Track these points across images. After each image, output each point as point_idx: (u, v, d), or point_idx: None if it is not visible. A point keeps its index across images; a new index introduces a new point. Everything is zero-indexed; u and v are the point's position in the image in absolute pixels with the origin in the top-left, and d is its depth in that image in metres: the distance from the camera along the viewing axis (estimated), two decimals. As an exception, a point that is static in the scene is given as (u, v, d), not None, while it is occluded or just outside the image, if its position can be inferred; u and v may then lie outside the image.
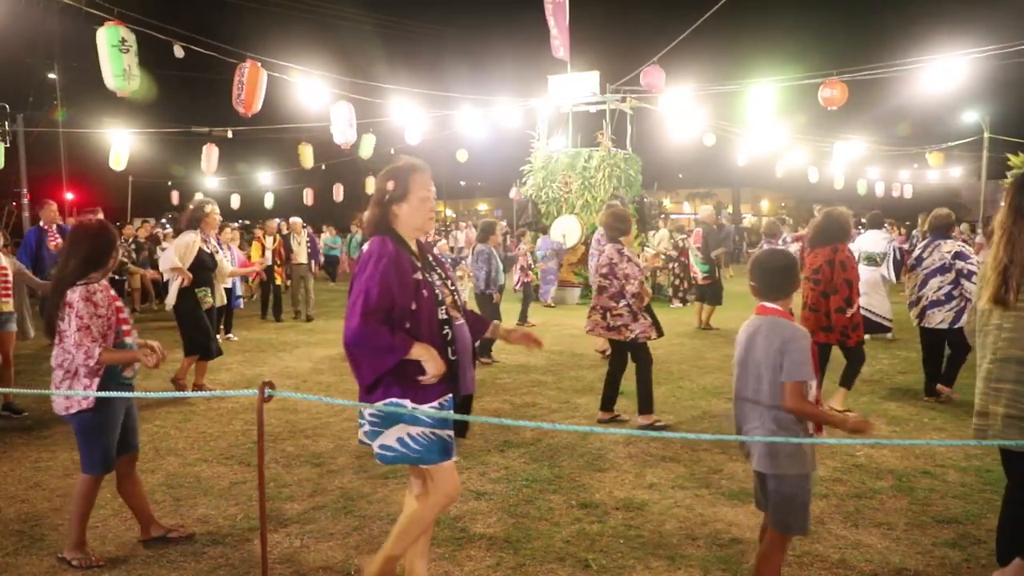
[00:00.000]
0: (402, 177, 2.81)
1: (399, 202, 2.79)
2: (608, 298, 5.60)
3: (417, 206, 2.80)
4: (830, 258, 5.50)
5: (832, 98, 12.05)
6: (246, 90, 9.73)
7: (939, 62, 11.67)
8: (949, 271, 6.11)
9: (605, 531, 3.77)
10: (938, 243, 6.26)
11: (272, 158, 28.88)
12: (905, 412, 5.97)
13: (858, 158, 24.18)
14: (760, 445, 2.75)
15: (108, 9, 8.24)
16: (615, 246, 5.70)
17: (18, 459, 5.01)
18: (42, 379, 7.77)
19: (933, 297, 6.17)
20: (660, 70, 13.42)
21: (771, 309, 2.87)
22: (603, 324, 5.63)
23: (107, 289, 3.46)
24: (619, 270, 5.55)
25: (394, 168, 2.86)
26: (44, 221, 9.00)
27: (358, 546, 3.62)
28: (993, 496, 4.17)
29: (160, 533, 3.68)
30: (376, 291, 2.62)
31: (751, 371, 2.82)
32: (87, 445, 3.44)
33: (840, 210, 5.77)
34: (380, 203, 2.82)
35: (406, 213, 2.79)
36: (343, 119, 12.40)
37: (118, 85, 8.18)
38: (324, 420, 5.87)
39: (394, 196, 2.79)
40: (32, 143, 23.36)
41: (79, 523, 3.47)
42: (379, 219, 2.82)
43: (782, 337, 2.74)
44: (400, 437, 2.72)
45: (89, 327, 3.28)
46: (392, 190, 2.79)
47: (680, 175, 49.64)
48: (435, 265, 2.90)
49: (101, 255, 3.45)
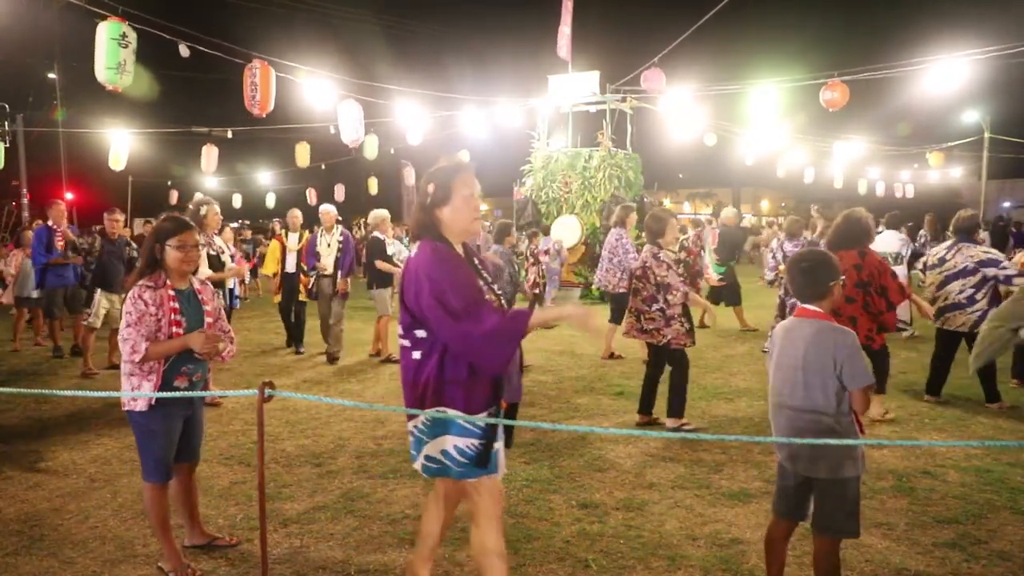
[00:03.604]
0: (443, 179, 2.68)
1: (441, 206, 2.66)
2: (641, 301, 5.51)
3: (460, 208, 2.67)
4: (857, 262, 5.34)
5: (834, 100, 12.03)
6: (260, 91, 9.62)
7: (940, 62, 11.66)
8: (973, 274, 6.03)
9: (605, 531, 3.77)
10: (962, 246, 6.18)
11: (273, 158, 28.91)
12: (905, 412, 5.96)
13: (858, 158, 24.18)
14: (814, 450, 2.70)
15: (111, 7, 8.22)
16: (652, 249, 5.55)
17: (18, 459, 5.01)
18: (41, 379, 7.78)
19: (954, 300, 6.10)
20: (660, 72, 13.41)
21: (812, 312, 2.80)
22: (637, 327, 5.55)
23: (165, 288, 3.29)
24: (655, 276, 5.42)
25: (435, 170, 2.74)
26: (52, 220, 8.94)
27: (358, 546, 3.62)
28: (993, 496, 4.17)
29: (204, 541, 3.61)
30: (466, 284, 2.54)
31: (790, 374, 2.77)
32: (140, 449, 3.36)
33: (860, 211, 5.61)
34: (423, 207, 2.70)
35: (449, 216, 2.67)
36: (352, 118, 12.03)
37: (109, 78, 8.05)
38: (324, 420, 5.86)
39: (436, 200, 2.67)
40: (32, 143, 23.38)
41: (160, 535, 3.37)
42: (425, 224, 2.70)
43: (835, 342, 2.68)
44: (445, 449, 2.60)
45: (137, 324, 3.18)
46: (433, 193, 2.67)
47: (680, 175, 49.63)
48: (480, 269, 2.82)
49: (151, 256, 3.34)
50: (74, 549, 3.62)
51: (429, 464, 2.66)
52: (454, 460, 2.61)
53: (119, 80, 8.16)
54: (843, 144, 22.17)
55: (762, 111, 13.13)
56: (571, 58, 15.36)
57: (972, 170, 33.43)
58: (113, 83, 8.15)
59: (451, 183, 2.67)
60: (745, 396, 6.64)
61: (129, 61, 8.19)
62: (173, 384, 3.30)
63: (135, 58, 8.27)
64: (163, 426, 3.31)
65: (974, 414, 5.93)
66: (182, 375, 3.33)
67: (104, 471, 4.77)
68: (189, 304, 3.37)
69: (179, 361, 3.30)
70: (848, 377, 2.66)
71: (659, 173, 39.88)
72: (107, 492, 4.39)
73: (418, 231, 2.73)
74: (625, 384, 7.07)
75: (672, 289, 5.38)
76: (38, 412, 6.14)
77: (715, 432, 5.52)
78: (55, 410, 6.20)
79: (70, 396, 6.37)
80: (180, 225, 3.37)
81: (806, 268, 2.84)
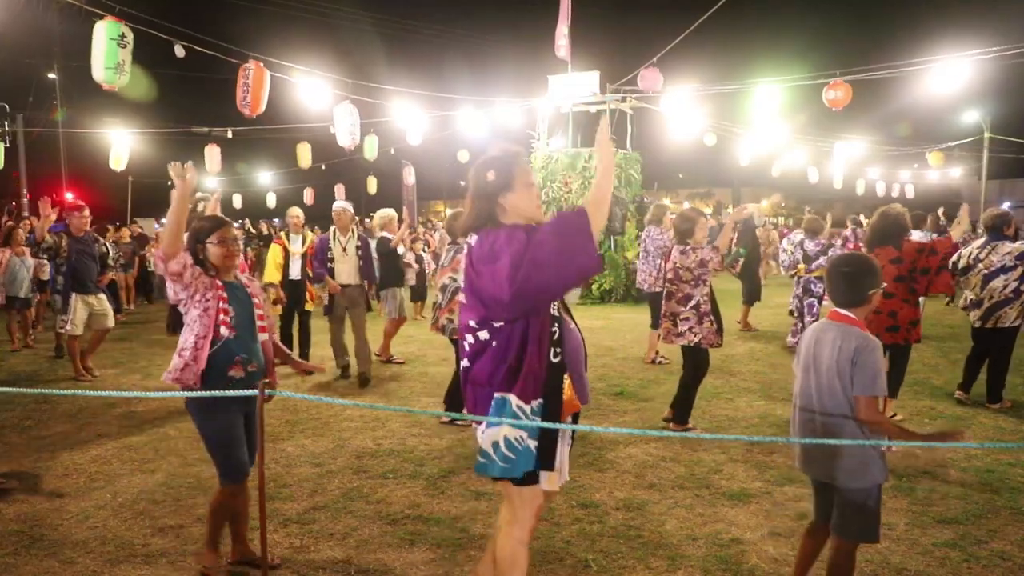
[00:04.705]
0: (504, 165, 2.60)
1: (504, 192, 2.57)
2: (676, 303, 5.49)
3: (524, 193, 2.59)
4: (895, 256, 5.26)
5: (837, 99, 12.04)
6: (252, 92, 9.61)
7: (940, 62, 11.66)
8: (1014, 270, 6.02)
9: (605, 531, 3.77)
10: (995, 244, 6.15)
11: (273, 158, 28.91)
12: (905, 412, 5.96)
13: (858, 158, 24.18)
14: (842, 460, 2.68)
15: (109, 7, 8.22)
16: (680, 248, 5.55)
17: (18, 459, 5.01)
18: (41, 379, 7.77)
19: (1000, 297, 6.05)
20: (657, 72, 13.41)
21: (844, 316, 2.76)
22: (675, 331, 5.51)
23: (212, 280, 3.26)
24: (687, 272, 5.42)
25: (492, 157, 2.65)
26: (73, 229, 7.71)
27: (358, 546, 3.62)
28: (993, 496, 4.17)
29: (248, 557, 3.46)
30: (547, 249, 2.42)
31: (816, 379, 2.75)
32: (208, 449, 3.31)
33: (896, 207, 5.56)
34: (484, 196, 2.59)
35: (513, 203, 2.57)
36: (347, 122, 12.03)
37: (107, 78, 8.05)
38: (324, 420, 5.86)
39: (498, 187, 2.57)
40: (32, 143, 23.38)
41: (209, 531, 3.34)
42: (485, 213, 2.60)
43: (854, 346, 2.65)
44: (496, 441, 2.47)
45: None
46: (494, 180, 2.58)
47: (680, 175, 49.63)
48: None
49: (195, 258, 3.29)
50: (74, 549, 3.62)
51: (480, 459, 2.53)
52: (501, 454, 2.47)
53: (117, 80, 8.15)
54: (843, 144, 22.16)
55: (762, 111, 13.13)
56: (571, 58, 15.37)
57: (972, 170, 33.41)
58: (111, 83, 8.14)
59: (513, 169, 2.59)
60: (745, 396, 6.64)
61: (127, 61, 8.18)
62: (228, 375, 3.20)
63: (132, 58, 8.27)
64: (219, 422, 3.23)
65: (975, 414, 5.93)
66: (236, 364, 3.22)
67: (104, 471, 4.77)
68: (237, 296, 3.32)
69: (231, 349, 3.21)
70: (856, 383, 2.63)
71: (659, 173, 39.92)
72: (107, 492, 4.40)
73: (475, 221, 2.62)
74: (625, 384, 7.07)
75: (705, 261, 5.38)
76: (38, 412, 6.15)
77: (715, 432, 5.52)
78: (55, 410, 6.21)
79: (70, 396, 6.37)
80: (216, 222, 3.36)
81: (848, 274, 2.79)
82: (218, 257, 3.30)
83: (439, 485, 4.43)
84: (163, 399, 6.37)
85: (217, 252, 3.29)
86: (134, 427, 5.77)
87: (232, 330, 3.22)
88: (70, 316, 7.45)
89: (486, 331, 2.53)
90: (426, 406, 6.41)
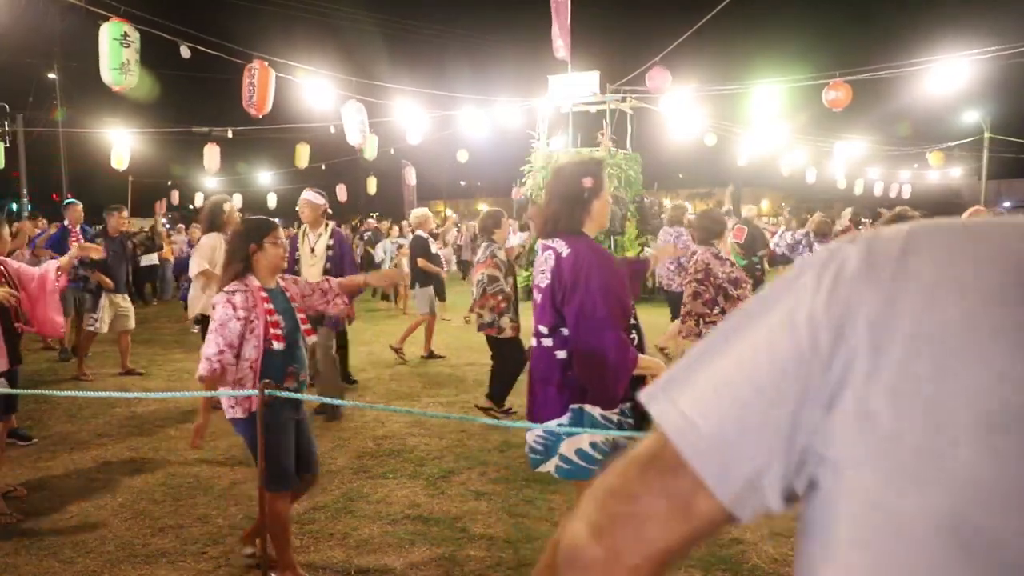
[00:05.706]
0: (598, 173, 2.68)
1: (595, 199, 2.65)
2: (702, 304, 5.47)
3: (606, 203, 2.70)
4: None
5: (837, 100, 12.02)
6: (258, 91, 9.56)
7: (940, 62, 11.66)
8: None
9: (605, 531, 3.76)
10: None
11: (273, 158, 28.90)
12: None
13: (858, 158, 24.17)
14: None
15: (113, 7, 8.21)
16: (710, 250, 5.52)
17: (18, 459, 5.01)
18: (41, 379, 7.77)
19: None
20: (666, 72, 13.39)
21: None
22: (696, 331, 5.51)
23: (255, 291, 3.13)
24: (717, 277, 5.40)
25: (586, 165, 2.72)
26: (69, 221, 8.49)
27: (358, 546, 3.62)
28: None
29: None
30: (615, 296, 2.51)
31: None
32: (256, 458, 3.17)
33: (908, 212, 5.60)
34: (576, 200, 2.65)
35: (598, 211, 2.68)
36: (356, 120, 11.98)
37: (115, 79, 8.04)
38: (324, 420, 5.85)
39: (593, 192, 2.64)
40: (32, 143, 23.37)
41: (275, 544, 3.21)
42: (573, 217, 2.65)
43: None
44: (580, 448, 2.52)
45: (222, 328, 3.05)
46: (592, 187, 2.64)
47: (680, 175, 49.63)
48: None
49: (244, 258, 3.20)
50: (74, 549, 3.62)
51: (562, 465, 2.59)
52: (588, 458, 2.53)
53: (124, 80, 8.13)
54: (843, 144, 22.16)
55: (763, 111, 13.13)
56: (571, 58, 15.36)
57: (972, 170, 33.40)
58: (119, 84, 8.13)
59: (604, 178, 2.67)
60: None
61: (132, 61, 8.16)
62: (284, 386, 3.15)
63: (138, 58, 8.26)
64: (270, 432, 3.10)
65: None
66: (290, 375, 3.18)
67: (104, 471, 4.78)
68: (280, 302, 3.24)
69: (282, 361, 3.15)
70: None
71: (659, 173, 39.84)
72: (107, 492, 4.40)
73: (555, 225, 2.66)
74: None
75: (741, 282, 5.38)
76: (39, 412, 6.14)
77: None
78: (55, 410, 6.21)
79: (70, 396, 6.37)
80: (270, 223, 3.31)
81: None
82: (275, 257, 3.22)
83: (439, 485, 4.43)
84: (163, 399, 6.37)
85: (275, 253, 3.22)
86: (134, 427, 5.77)
87: (282, 340, 3.14)
88: (99, 314, 7.57)
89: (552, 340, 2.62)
90: (426, 406, 6.41)
